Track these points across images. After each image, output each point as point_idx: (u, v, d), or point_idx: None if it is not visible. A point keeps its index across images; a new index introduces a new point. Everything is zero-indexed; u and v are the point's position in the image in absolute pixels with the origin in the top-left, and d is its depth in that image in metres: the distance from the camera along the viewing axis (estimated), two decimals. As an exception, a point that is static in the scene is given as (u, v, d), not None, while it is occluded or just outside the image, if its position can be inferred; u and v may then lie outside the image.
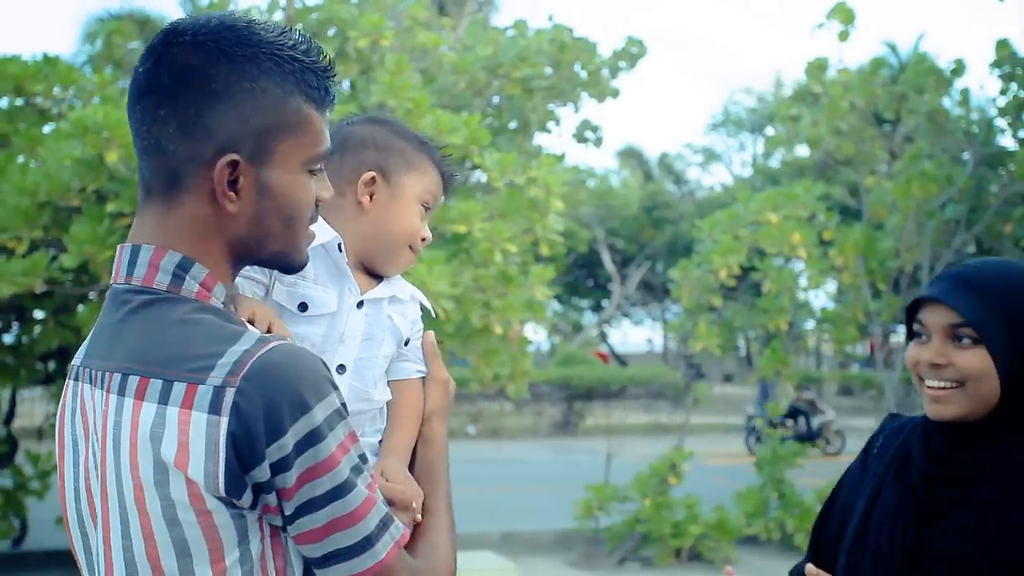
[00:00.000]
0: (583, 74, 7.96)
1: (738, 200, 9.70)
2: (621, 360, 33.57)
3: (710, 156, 34.42)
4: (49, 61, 6.72)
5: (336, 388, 1.26)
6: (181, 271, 1.32)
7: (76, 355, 1.44)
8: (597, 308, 33.92)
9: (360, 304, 1.64)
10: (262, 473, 1.20)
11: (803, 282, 9.76)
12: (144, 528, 1.23)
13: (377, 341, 1.65)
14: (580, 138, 8.34)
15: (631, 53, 8.31)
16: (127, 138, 5.10)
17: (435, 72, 7.36)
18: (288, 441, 1.19)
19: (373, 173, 1.68)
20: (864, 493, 1.89)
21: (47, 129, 6.52)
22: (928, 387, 1.82)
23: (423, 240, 1.73)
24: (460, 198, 6.10)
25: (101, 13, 17.82)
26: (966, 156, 9.90)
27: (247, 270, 1.52)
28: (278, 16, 7.71)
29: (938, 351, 1.81)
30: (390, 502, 1.40)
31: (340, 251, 1.63)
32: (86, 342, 1.43)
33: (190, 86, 1.29)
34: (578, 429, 20.60)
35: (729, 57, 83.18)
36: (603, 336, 33.95)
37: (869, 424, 15.64)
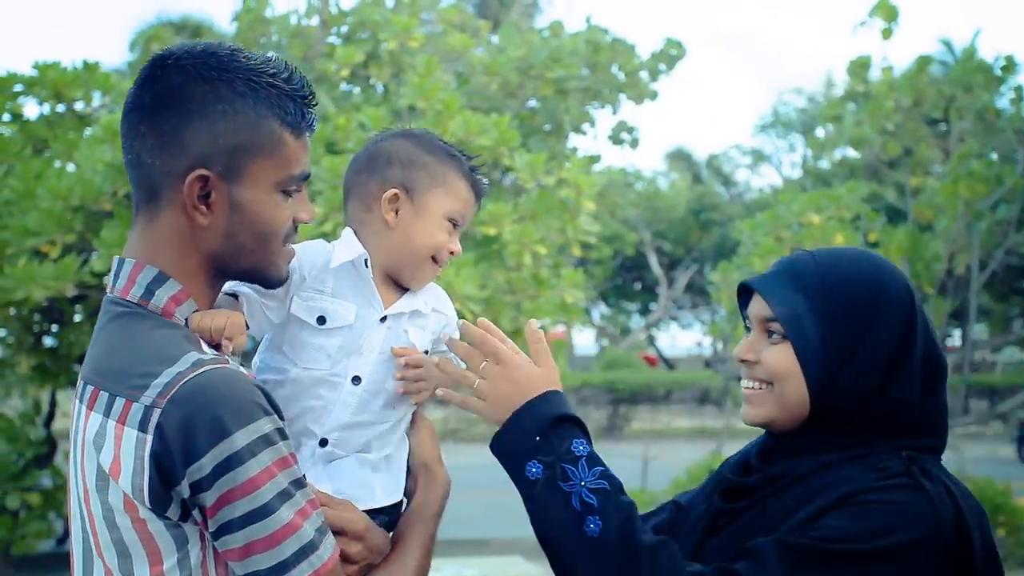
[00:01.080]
0: (620, 76, 7.89)
1: (780, 201, 9.55)
2: (669, 363, 33.29)
3: (759, 157, 34.03)
4: (88, 67, 6.81)
5: (269, 413, 1.30)
6: (154, 285, 1.39)
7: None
8: (645, 311, 33.70)
9: (383, 319, 1.66)
10: (184, 491, 1.26)
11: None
12: (92, 527, 1.33)
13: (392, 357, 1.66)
14: (616, 140, 8.26)
15: (670, 55, 8.22)
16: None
17: (469, 74, 7.34)
18: (206, 463, 1.25)
19: (396, 190, 1.69)
20: (697, 500, 1.74)
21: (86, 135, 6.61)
22: (743, 386, 1.63)
23: (451, 253, 1.72)
24: (490, 200, 6.06)
25: (153, 21, 18.15)
26: (1019, 155, 9.63)
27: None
28: (314, 21, 7.74)
29: (749, 345, 1.62)
30: (339, 531, 1.45)
31: (366, 267, 1.66)
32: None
33: (168, 105, 1.38)
34: (623, 433, 20.44)
35: (781, 57, 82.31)
36: (651, 339, 33.69)
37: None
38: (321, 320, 1.62)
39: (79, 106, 6.93)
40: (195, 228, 1.39)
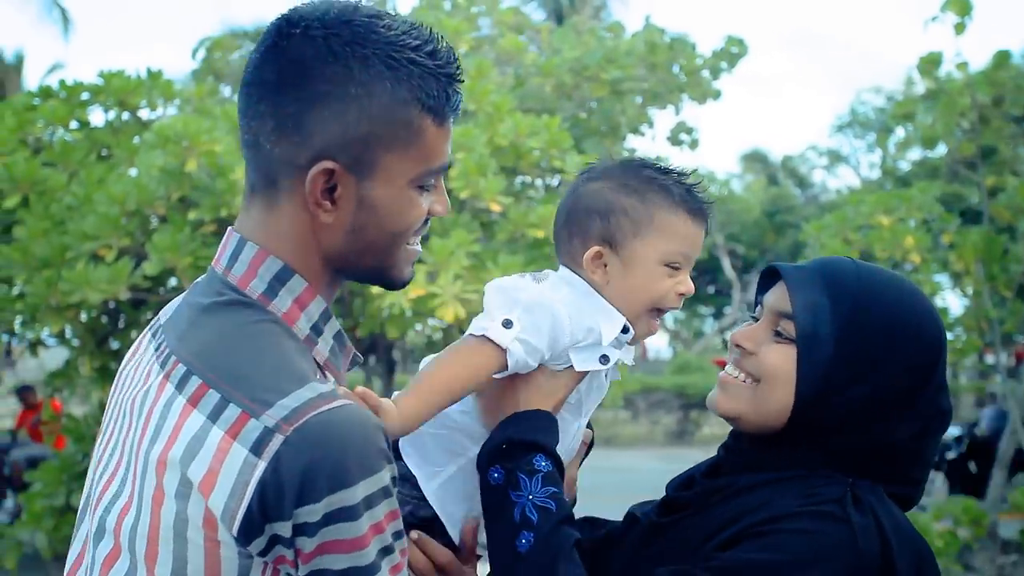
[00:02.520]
0: (682, 76, 7.77)
1: (849, 202, 9.31)
2: (743, 368, 32.79)
3: (836, 158, 33.34)
4: (151, 76, 6.95)
5: (391, 462, 1.17)
6: (277, 282, 1.25)
7: (163, 312, 1.37)
8: (718, 315, 33.28)
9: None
10: (284, 529, 1.13)
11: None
12: (152, 528, 1.17)
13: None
14: (675, 141, 8.14)
15: (731, 53, 8.07)
16: (206, 147, 5.22)
17: (525, 76, 7.31)
18: (319, 509, 1.11)
19: (597, 248, 1.50)
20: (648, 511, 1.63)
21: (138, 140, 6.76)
22: (725, 371, 1.51)
23: (681, 295, 1.53)
24: (540, 202, 6.02)
25: (219, 31, 18.52)
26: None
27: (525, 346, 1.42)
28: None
29: (751, 333, 1.49)
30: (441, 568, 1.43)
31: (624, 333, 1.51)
32: (171, 306, 1.37)
33: (292, 84, 1.20)
34: (694, 439, 20.19)
35: (860, 56, 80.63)
36: (725, 344, 33.29)
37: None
38: (604, 359, 1.49)
39: (143, 113, 7.08)
40: (317, 224, 1.24)
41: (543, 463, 1.41)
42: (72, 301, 5.27)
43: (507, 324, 1.42)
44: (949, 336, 9.48)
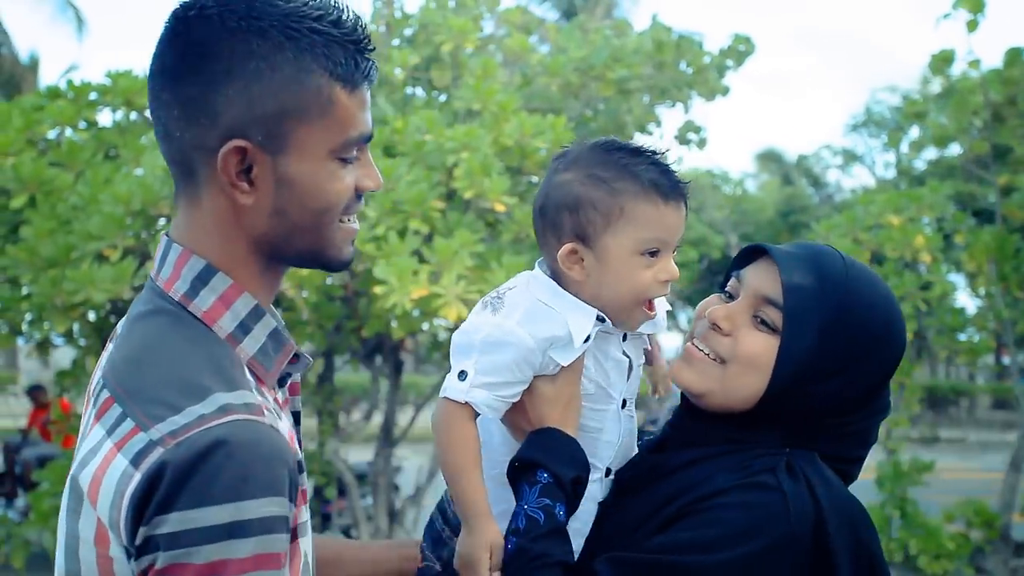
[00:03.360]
0: (689, 73, 7.72)
1: (859, 202, 9.23)
2: (757, 368, 32.69)
3: (851, 158, 33.16)
4: (159, 75, 6.96)
5: (280, 495, 1.08)
6: (199, 282, 1.22)
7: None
8: (732, 315, 33.15)
9: (624, 337, 1.55)
10: (140, 538, 1.08)
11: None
12: (60, 548, 1.16)
13: (638, 373, 1.59)
14: (683, 140, 8.10)
15: (738, 51, 8.02)
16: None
17: (532, 76, 7.28)
18: (172, 523, 1.05)
19: (571, 245, 1.48)
20: None
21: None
22: (693, 344, 1.49)
23: (665, 282, 1.49)
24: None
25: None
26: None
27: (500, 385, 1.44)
28: (381, 28, 7.77)
29: (729, 313, 1.46)
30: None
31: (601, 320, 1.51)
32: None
33: (193, 66, 1.18)
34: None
35: (875, 55, 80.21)
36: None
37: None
38: (587, 339, 1.49)
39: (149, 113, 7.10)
40: (238, 209, 1.20)
41: (543, 476, 1.41)
42: (76, 301, 5.28)
43: (462, 376, 1.44)
44: (962, 336, 9.43)
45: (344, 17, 1.21)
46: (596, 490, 1.51)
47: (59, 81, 6.83)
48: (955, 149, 12.86)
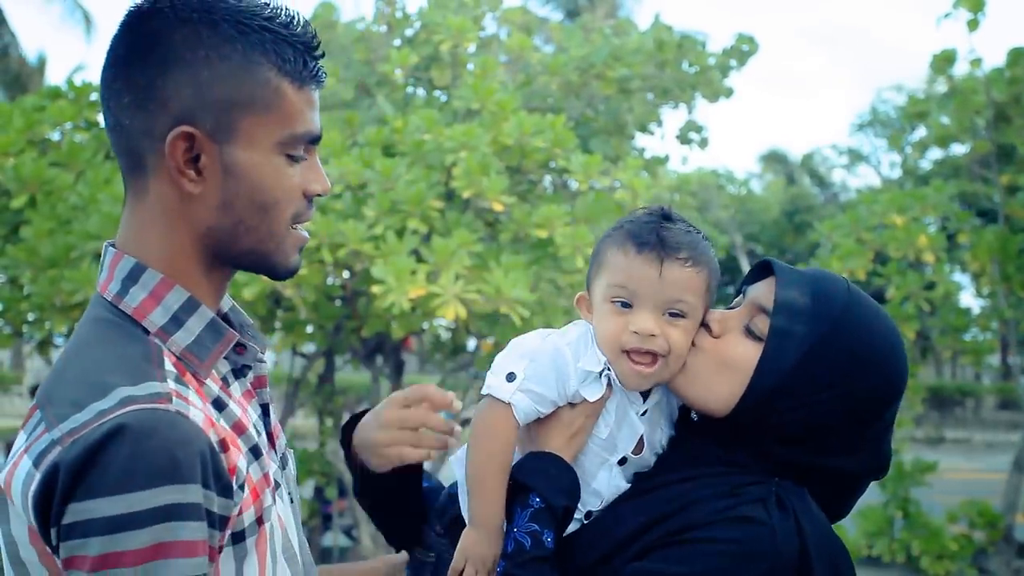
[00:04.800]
0: (692, 73, 7.70)
1: (863, 201, 9.20)
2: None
3: (856, 157, 33.08)
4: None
5: (188, 481, 1.07)
6: (129, 280, 1.22)
7: None
8: (738, 315, 33.10)
9: (643, 413, 1.53)
10: (52, 535, 1.08)
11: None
12: (9, 554, 1.17)
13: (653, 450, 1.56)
14: (684, 140, 8.08)
15: (741, 50, 8.00)
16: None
17: (533, 75, 7.28)
18: (66, 516, 1.05)
19: (581, 293, 1.58)
20: None
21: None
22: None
23: (635, 333, 1.45)
24: (544, 202, 5.98)
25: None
26: None
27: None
28: (383, 27, 7.77)
29: (722, 317, 1.47)
30: None
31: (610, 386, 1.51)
32: None
33: (143, 54, 1.20)
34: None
35: (883, 53, 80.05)
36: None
37: None
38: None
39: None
40: (185, 199, 1.21)
41: (536, 500, 1.43)
42: (76, 300, 5.29)
43: (510, 377, 1.47)
44: (966, 337, 9.40)
45: (295, 20, 1.25)
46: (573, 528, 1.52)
47: (65, 82, 6.82)
48: (959, 149, 12.84)
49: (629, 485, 1.52)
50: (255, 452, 1.23)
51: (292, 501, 1.35)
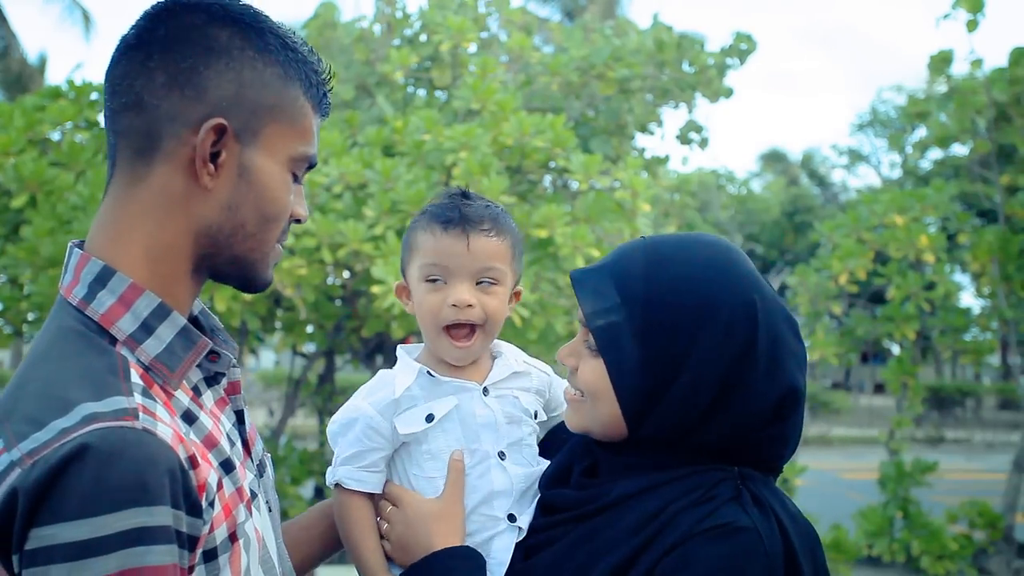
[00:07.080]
0: (692, 73, 7.70)
1: (863, 201, 9.20)
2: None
3: (856, 157, 33.08)
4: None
5: (155, 503, 1.02)
6: (97, 284, 1.17)
7: None
8: (738, 315, 33.09)
9: (485, 391, 1.56)
10: (17, 566, 1.03)
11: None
12: None
13: (517, 421, 1.57)
14: (684, 140, 8.08)
15: (740, 49, 8.00)
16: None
17: (533, 75, 7.27)
18: (30, 543, 1.00)
19: (400, 282, 1.66)
20: None
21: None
22: (567, 385, 1.48)
23: (453, 306, 1.53)
24: (544, 202, 5.98)
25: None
26: None
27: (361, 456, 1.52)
28: (383, 28, 7.77)
29: (571, 348, 1.44)
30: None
31: (430, 375, 1.56)
32: None
33: (189, 40, 1.19)
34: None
35: (883, 53, 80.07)
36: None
37: None
38: (430, 417, 1.52)
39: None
40: (190, 192, 1.18)
41: None
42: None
43: (332, 462, 1.56)
44: (966, 337, 9.39)
45: (316, 55, 1.31)
46: (506, 541, 1.49)
47: (65, 82, 6.82)
48: (960, 149, 12.82)
49: (536, 463, 1.54)
50: (227, 466, 1.19)
51: (271, 510, 1.33)
